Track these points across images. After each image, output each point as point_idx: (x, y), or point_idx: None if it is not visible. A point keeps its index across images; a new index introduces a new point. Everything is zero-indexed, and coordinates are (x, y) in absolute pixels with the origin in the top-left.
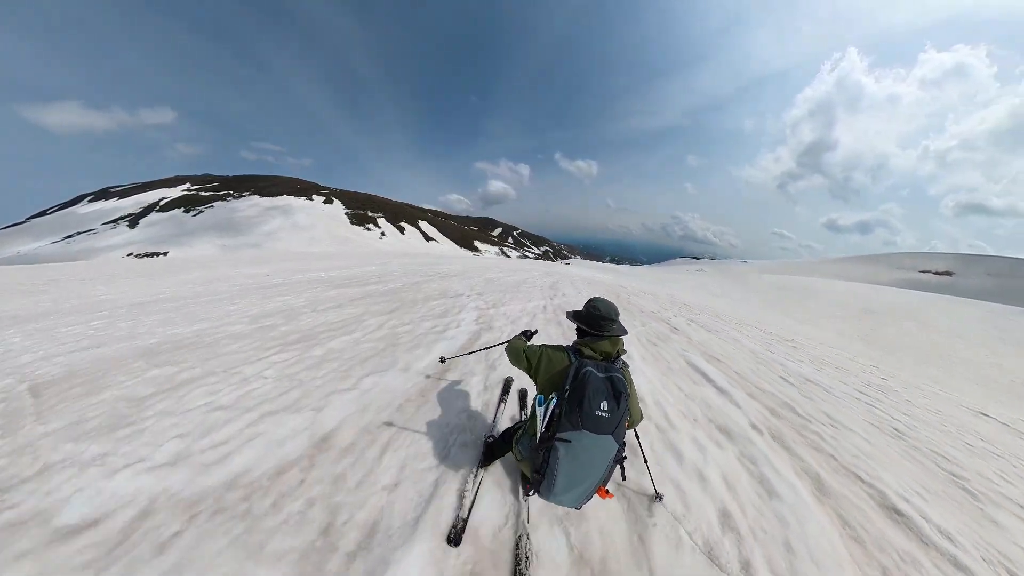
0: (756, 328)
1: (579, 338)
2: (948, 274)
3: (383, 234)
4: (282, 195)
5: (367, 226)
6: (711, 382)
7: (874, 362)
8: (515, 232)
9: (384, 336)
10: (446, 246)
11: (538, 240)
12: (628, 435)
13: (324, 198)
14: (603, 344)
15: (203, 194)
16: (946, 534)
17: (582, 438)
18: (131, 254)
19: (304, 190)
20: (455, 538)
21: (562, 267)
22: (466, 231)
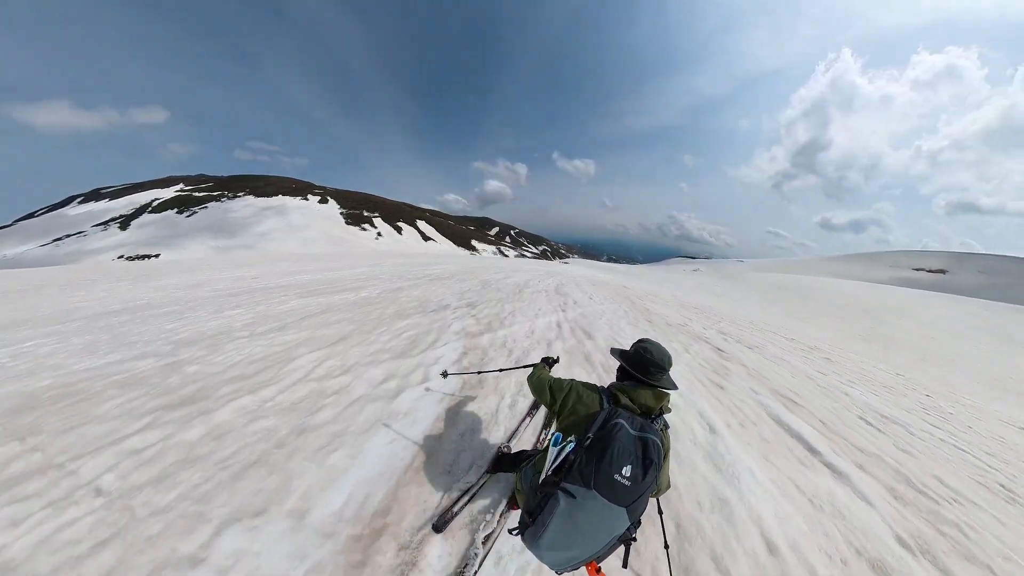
0: (775, 334)
1: (618, 381)
2: (941, 272)
3: (379, 234)
4: (277, 195)
5: (363, 226)
6: (817, 454)
7: (897, 369)
8: (513, 231)
9: (298, 403)
10: (444, 246)
11: (536, 239)
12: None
13: (319, 198)
14: (645, 395)
15: (197, 195)
16: None
17: (589, 500)
18: (122, 256)
19: (299, 190)
20: (440, 526)
21: (562, 267)
22: (464, 231)
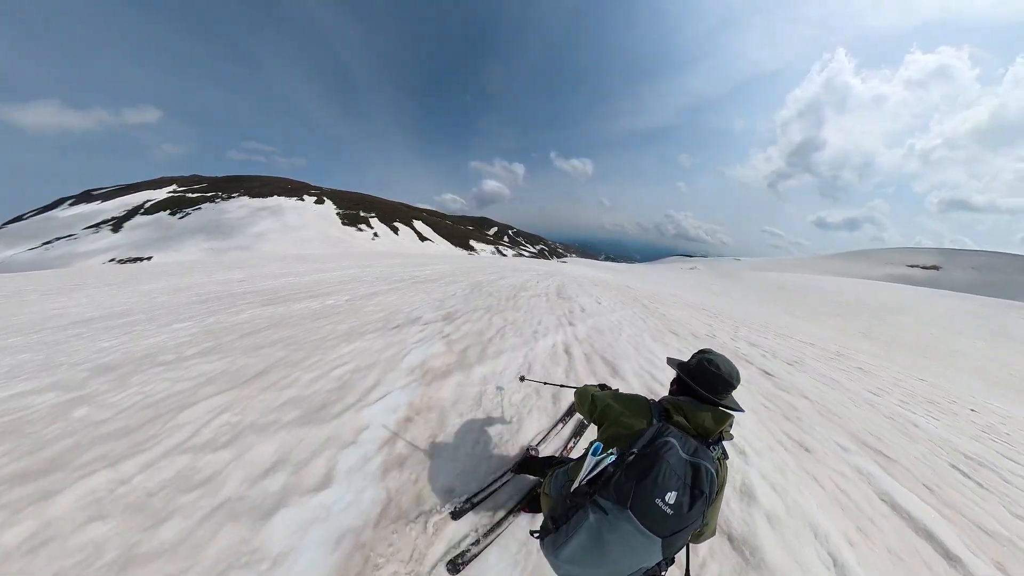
0: (792, 338)
1: (672, 395)
2: (935, 268)
3: (376, 235)
4: (272, 196)
5: (359, 226)
6: (957, 562)
7: (919, 374)
8: (511, 231)
9: (154, 493)
10: (442, 246)
11: (534, 239)
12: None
13: (315, 198)
14: (703, 414)
15: (190, 196)
16: None
17: (622, 521)
18: (113, 260)
19: (295, 190)
20: (457, 514)
21: (562, 266)
22: (462, 230)
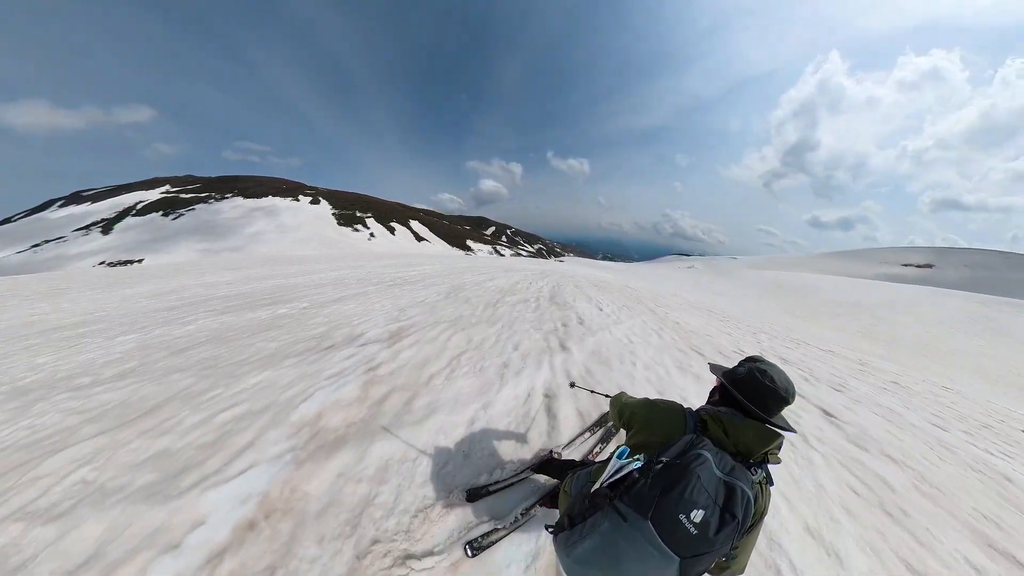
0: (810, 345)
1: (711, 404)
2: (929, 267)
3: (372, 235)
4: (267, 196)
5: (355, 227)
6: None
7: (943, 382)
8: (509, 231)
9: None
10: (438, 246)
11: (532, 239)
12: None
13: (311, 198)
14: (746, 430)
15: (183, 196)
16: None
17: (639, 531)
18: (103, 262)
19: (290, 190)
20: (473, 497)
21: (558, 266)
22: (459, 230)
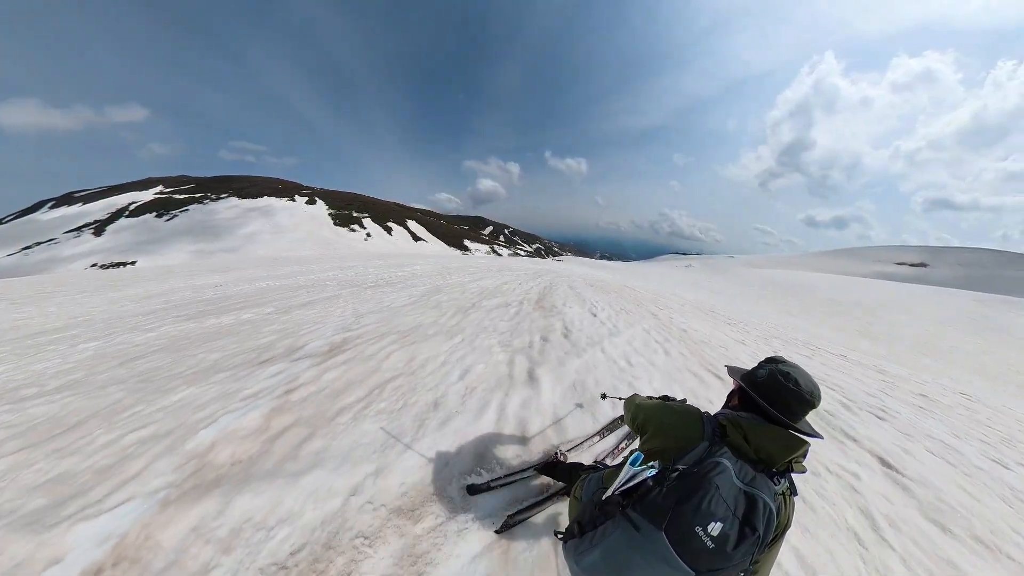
0: (823, 350)
1: (730, 408)
2: (922, 265)
3: (368, 235)
4: (262, 196)
5: (352, 227)
6: None
7: (954, 384)
8: (507, 231)
9: None
10: (436, 246)
11: (529, 238)
12: None
13: (307, 198)
14: (768, 436)
15: (177, 197)
16: None
17: (653, 543)
18: (95, 264)
19: (286, 190)
20: (474, 491)
21: (555, 265)
22: (456, 230)
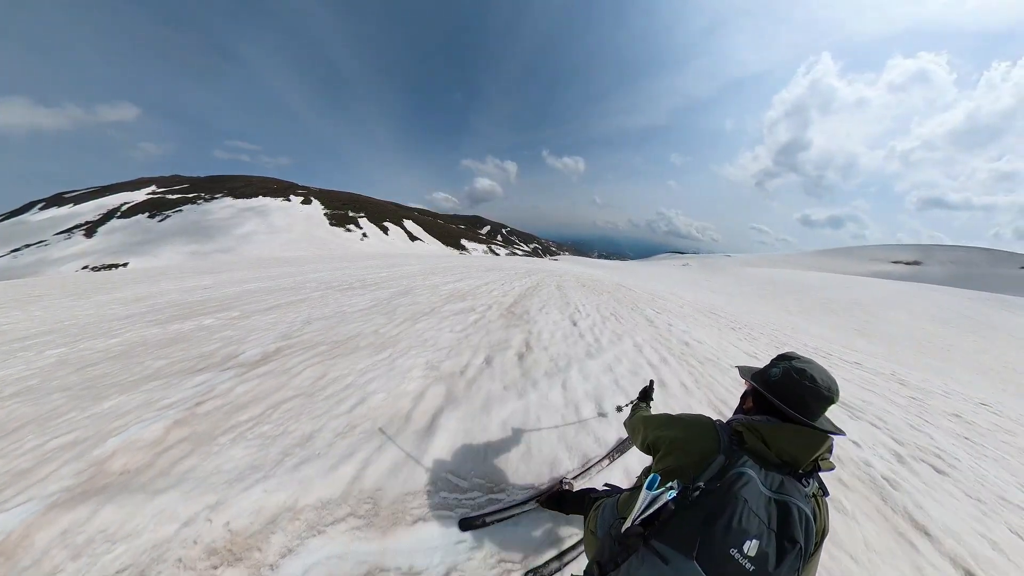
0: (833, 356)
1: (745, 413)
2: (916, 263)
3: (364, 235)
4: (257, 196)
5: (348, 227)
6: None
7: (966, 390)
8: (504, 230)
9: None
10: (432, 246)
11: (527, 238)
12: None
13: (302, 198)
14: (787, 436)
15: (170, 197)
16: None
17: (687, 574)
18: (86, 267)
19: (281, 190)
20: (465, 525)
21: (549, 264)
22: (453, 230)
